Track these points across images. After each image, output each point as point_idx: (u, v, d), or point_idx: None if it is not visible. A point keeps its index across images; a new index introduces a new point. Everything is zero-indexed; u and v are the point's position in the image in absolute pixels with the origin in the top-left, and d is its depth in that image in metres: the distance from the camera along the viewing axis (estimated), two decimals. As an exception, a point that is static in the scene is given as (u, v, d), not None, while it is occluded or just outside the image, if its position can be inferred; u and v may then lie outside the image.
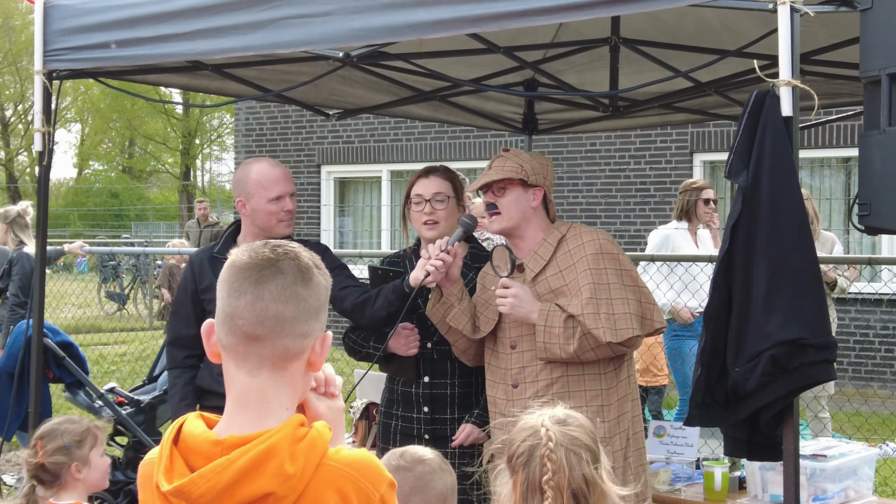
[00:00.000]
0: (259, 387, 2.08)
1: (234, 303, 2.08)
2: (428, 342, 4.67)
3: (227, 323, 2.09)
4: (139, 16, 4.53)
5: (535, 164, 4.36)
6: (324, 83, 5.65)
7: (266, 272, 2.08)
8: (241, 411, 2.09)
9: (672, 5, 3.51)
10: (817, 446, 4.81)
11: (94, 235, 36.66)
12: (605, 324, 4.09)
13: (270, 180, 4.72)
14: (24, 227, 9.07)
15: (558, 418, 2.86)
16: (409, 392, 4.72)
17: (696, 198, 8.49)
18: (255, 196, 4.72)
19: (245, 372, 2.09)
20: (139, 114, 47.81)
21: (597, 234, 4.29)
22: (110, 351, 14.82)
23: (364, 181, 17.46)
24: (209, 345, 2.15)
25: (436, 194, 4.67)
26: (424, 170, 4.78)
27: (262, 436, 1.99)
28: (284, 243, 2.15)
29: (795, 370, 3.26)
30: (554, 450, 2.76)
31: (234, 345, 2.09)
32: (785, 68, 3.33)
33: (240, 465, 1.96)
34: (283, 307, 2.07)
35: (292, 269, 2.10)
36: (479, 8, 3.72)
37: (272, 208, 4.72)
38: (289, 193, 4.76)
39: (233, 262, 2.12)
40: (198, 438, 2.03)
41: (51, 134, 4.99)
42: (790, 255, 3.30)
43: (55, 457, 4.12)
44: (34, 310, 5.12)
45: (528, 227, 4.37)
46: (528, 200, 4.34)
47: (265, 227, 4.74)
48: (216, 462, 1.97)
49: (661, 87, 5.72)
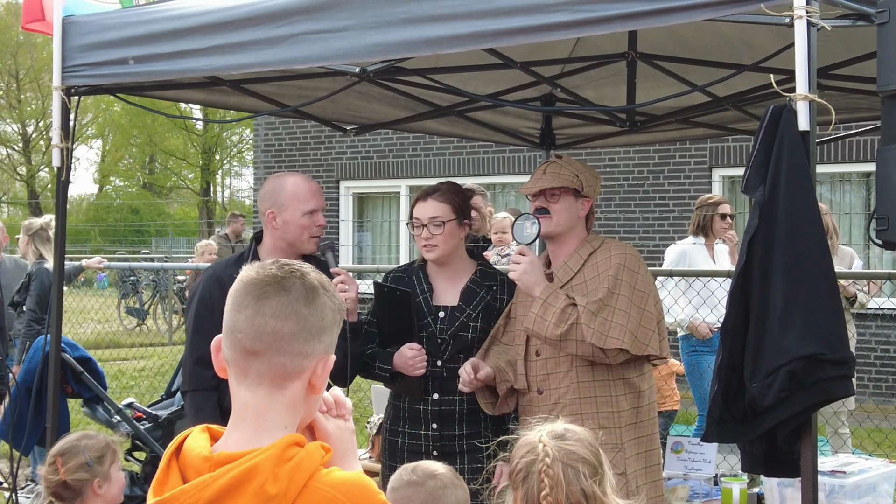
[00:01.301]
0: (257, 403, 2.09)
1: (235, 316, 2.10)
2: (438, 360, 4.67)
3: (229, 336, 2.11)
4: (157, 32, 4.56)
5: (588, 175, 4.46)
6: (341, 98, 5.66)
7: (269, 288, 2.10)
8: (239, 426, 2.10)
9: (688, 20, 3.49)
10: (836, 462, 4.78)
11: (115, 251, 36.85)
12: (597, 326, 4.14)
13: (306, 194, 4.65)
14: (46, 240, 9.05)
15: (556, 433, 2.86)
16: (417, 409, 4.71)
17: (712, 213, 8.48)
18: (290, 209, 4.63)
19: (245, 387, 2.10)
20: (159, 130, 48.05)
21: (625, 250, 4.36)
22: (129, 366, 14.85)
23: (382, 196, 17.48)
24: (217, 360, 2.17)
25: (432, 219, 4.65)
26: (423, 192, 4.77)
27: (248, 454, 1.99)
28: (295, 263, 2.17)
29: (813, 386, 3.24)
30: (551, 465, 2.76)
31: (235, 359, 2.10)
32: (802, 83, 3.32)
33: (221, 483, 1.96)
34: (281, 324, 2.08)
35: (297, 287, 2.11)
36: (496, 23, 3.72)
37: (305, 222, 4.64)
38: (322, 208, 4.72)
39: (241, 277, 2.15)
40: (192, 453, 2.04)
41: (69, 150, 5.00)
42: (807, 270, 3.28)
43: (78, 473, 4.11)
44: (52, 325, 5.13)
45: (569, 235, 4.47)
46: (577, 210, 4.45)
47: (295, 241, 4.67)
48: (200, 479, 1.98)
49: (678, 101, 5.71)
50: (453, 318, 4.67)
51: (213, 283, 4.64)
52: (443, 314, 4.68)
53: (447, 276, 4.77)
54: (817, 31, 3.31)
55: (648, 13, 3.51)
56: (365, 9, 3.98)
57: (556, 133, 6.93)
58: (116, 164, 52.77)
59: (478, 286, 4.72)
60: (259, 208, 4.83)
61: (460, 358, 4.63)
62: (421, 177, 16.41)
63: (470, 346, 4.65)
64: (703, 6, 3.41)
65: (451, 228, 4.67)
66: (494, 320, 4.69)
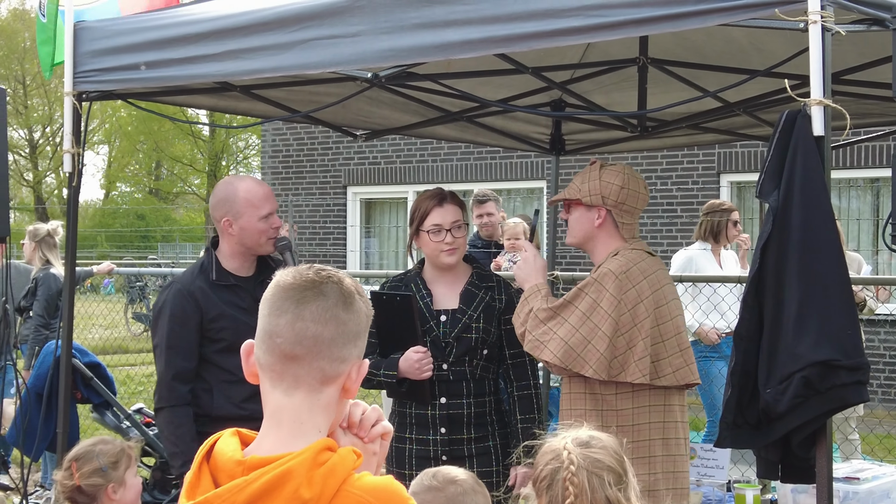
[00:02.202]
0: (293, 407, 2.10)
1: (274, 321, 2.11)
2: (444, 363, 4.68)
3: (266, 341, 2.11)
4: (169, 37, 4.56)
5: (597, 184, 4.36)
6: (351, 104, 5.66)
7: (308, 293, 2.11)
8: (273, 430, 2.10)
9: (702, 25, 3.47)
10: (850, 469, 4.77)
11: (122, 257, 36.83)
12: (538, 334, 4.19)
13: (260, 198, 4.69)
14: (53, 246, 9.05)
15: (581, 440, 2.85)
16: (425, 414, 4.71)
17: (726, 219, 8.46)
18: (245, 215, 4.66)
19: (281, 391, 2.11)
20: (166, 136, 48.09)
21: (612, 265, 4.25)
22: (138, 372, 14.85)
23: (390, 202, 17.49)
24: (247, 365, 2.17)
25: (454, 222, 4.72)
26: (437, 197, 4.78)
27: (282, 458, 2.00)
28: (330, 268, 2.18)
29: (827, 392, 3.23)
30: (576, 473, 2.75)
31: (272, 364, 2.11)
32: (816, 88, 3.31)
33: (255, 487, 1.96)
34: (322, 328, 2.10)
35: (335, 292, 2.13)
36: (509, 28, 3.72)
37: (262, 226, 4.68)
38: (276, 210, 4.78)
39: (277, 282, 2.15)
40: (224, 457, 2.04)
41: (80, 155, 5.01)
42: (821, 275, 3.27)
43: (92, 478, 4.12)
44: (63, 330, 5.13)
45: (594, 245, 4.43)
46: (591, 220, 4.39)
47: (253, 245, 4.72)
48: (233, 483, 1.98)
49: (689, 107, 5.70)
50: (455, 320, 4.70)
51: (184, 298, 4.67)
52: (445, 318, 4.72)
53: (446, 281, 4.81)
54: (831, 35, 3.31)
55: (662, 18, 3.50)
56: (377, 14, 3.97)
57: (565, 138, 6.93)
58: (123, 170, 52.80)
59: (476, 288, 4.78)
60: (213, 216, 4.79)
61: (465, 360, 4.68)
62: (428, 182, 16.41)
63: (474, 347, 4.69)
64: (718, 11, 3.40)
65: (465, 232, 4.80)
66: (495, 320, 4.73)
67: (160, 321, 4.71)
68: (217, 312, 4.66)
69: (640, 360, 4.12)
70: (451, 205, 4.73)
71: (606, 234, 4.40)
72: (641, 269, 4.23)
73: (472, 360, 4.68)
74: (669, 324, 4.24)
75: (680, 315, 4.36)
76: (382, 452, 2.28)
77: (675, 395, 4.25)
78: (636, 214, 4.44)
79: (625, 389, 4.18)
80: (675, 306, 4.32)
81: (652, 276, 4.25)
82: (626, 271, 4.19)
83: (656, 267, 4.33)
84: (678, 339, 4.26)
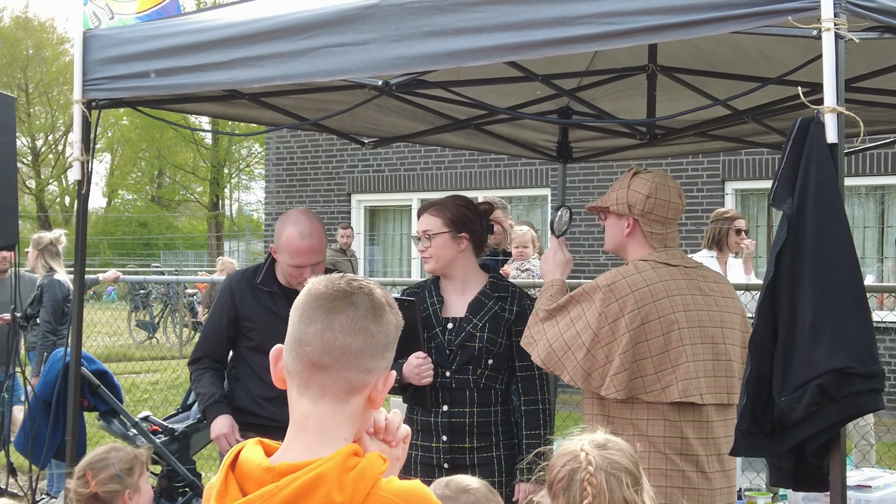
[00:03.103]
0: (319, 415, 2.11)
1: (304, 329, 2.12)
2: (446, 371, 4.68)
3: (294, 348, 2.12)
4: (179, 45, 4.55)
5: (625, 192, 4.32)
6: (359, 112, 5.66)
7: (339, 303, 2.12)
8: (299, 437, 2.11)
9: (714, 32, 3.46)
10: (862, 476, 4.76)
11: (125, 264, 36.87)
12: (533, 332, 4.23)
13: (293, 251, 4.92)
14: (56, 255, 9.08)
15: (598, 442, 2.86)
16: (428, 421, 4.72)
17: (728, 227, 8.46)
18: (282, 254, 4.97)
19: (308, 399, 2.11)
20: (168, 144, 48.15)
21: (605, 279, 4.19)
22: (143, 379, 14.85)
23: (394, 210, 17.49)
24: (276, 370, 2.18)
25: (424, 232, 4.79)
26: (423, 205, 4.91)
27: (312, 464, 2.01)
28: (362, 279, 2.19)
29: (843, 400, 3.21)
30: (594, 473, 2.76)
31: (300, 371, 2.11)
32: (830, 95, 3.29)
33: (287, 492, 1.97)
34: (350, 339, 2.10)
35: (365, 304, 2.14)
36: (520, 36, 3.71)
37: (292, 272, 4.97)
38: (310, 264, 4.92)
39: (309, 290, 2.17)
40: (252, 464, 2.05)
41: (90, 163, 5.01)
42: (836, 283, 3.25)
43: (109, 485, 4.12)
44: (72, 338, 5.12)
45: (625, 253, 4.38)
46: (621, 229, 4.34)
47: (286, 278, 5.04)
48: (265, 489, 1.99)
49: (697, 114, 5.69)
50: (460, 328, 4.70)
51: (226, 291, 5.14)
52: (451, 325, 4.73)
53: (457, 289, 4.83)
54: (845, 43, 3.30)
55: (675, 26, 3.48)
56: (388, 22, 3.96)
57: (573, 146, 6.93)
58: (125, 178, 52.85)
59: (487, 297, 4.77)
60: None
61: (468, 368, 4.67)
62: (433, 190, 16.42)
63: (477, 356, 4.68)
64: (730, 19, 3.38)
65: (442, 241, 4.76)
66: (502, 331, 4.72)
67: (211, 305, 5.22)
68: (250, 311, 5.00)
69: (615, 376, 4.03)
70: (428, 215, 4.81)
71: (636, 244, 4.33)
72: (630, 283, 4.11)
73: (476, 370, 4.68)
74: (660, 339, 4.06)
75: (686, 329, 4.11)
76: (403, 455, 2.31)
77: (689, 410, 4.11)
78: (668, 224, 4.32)
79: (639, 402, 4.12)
80: (672, 321, 4.10)
81: (643, 289, 4.10)
82: (612, 284, 4.12)
83: (663, 278, 4.17)
84: (671, 355, 4.07)
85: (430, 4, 3.87)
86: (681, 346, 4.08)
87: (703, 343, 4.14)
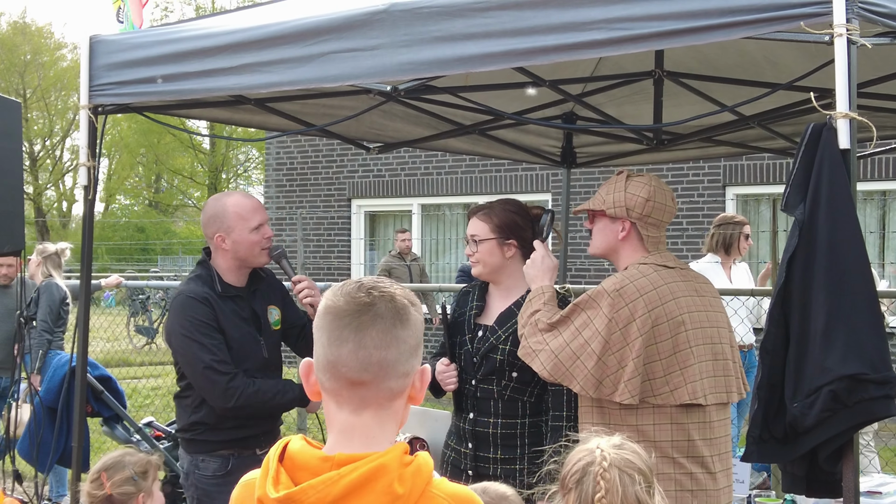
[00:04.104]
0: (363, 424, 2.11)
1: (336, 351, 2.10)
2: (472, 379, 4.65)
3: (329, 370, 2.11)
4: (186, 50, 4.54)
5: (621, 196, 4.27)
6: (364, 117, 5.66)
7: (365, 318, 2.10)
8: (345, 444, 2.11)
9: (727, 38, 3.44)
10: (871, 483, 4.75)
11: (122, 269, 36.82)
12: (532, 343, 4.14)
13: (249, 210, 4.82)
14: (58, 266, 9.21)
15: (614, 443, 2.89)
16: (459, 425, 4.72)
17: (738, 232, 8.46)
18: (237, 229, 4.79)
19: (349, 411, 2.12)
20: (166, 149, 48.15)
21: (610, 283, 4.14)
22: (144, 385, 14.83)
23: (394, 215, 17.48)
24: (308, 384, 2.18)
25: (471, 236, 4.71)
26: (473, 208, 4.79)
27: (370, 455, 2.02)
28: (379, 282, 2.16)
29: (855, 406, 3.21)
30: (608, 469, 2.78)
31: (337, 389, 2.11)
32: (842, 100, 3.28)
33: (350, 479, 1.99)
34: (385, 353, 2.10)
35: (390, 311, 2.12)
36: (531, 41, 3.69)
37: (254, 238, 4.81)
38: (266, 221, 4.87)
39: (328, 308, 2.13)
40: (306, 455, 2.05)
41: (96, 168, 5.00)
42: (849, 288, 3.24)
43: (124, 487, 4.13)
44: (78, 345, 5.11)
45: (618, 257, 4.33)
46: (615, 232, 4.30)
47: (247, 257, 4.84)
48: (327, 475, 2.00)
49: (702, 119, 5.69)
50: (486, 338, 4.65)
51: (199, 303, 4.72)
52: (481, 333, 4.67)
53: (500, 295, 4.76)
54: (857, 48, 3.30)
55: (685, 31, 3.46)
56: (397, 27, 3.95)
57: (577, 151, 6.93)
58: (123, 183, 52.84)
59: (519, 308, 4.63)
60: (205, 233, 4.90)
61: (492, 379, 4.60)
62: (433, 195, 16.42)
63: (500, 368, 4.59)
64: (742, 24, 3.37)
65: (489, 247, 4.65)
66: None
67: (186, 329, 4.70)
68: (226, 321, 4.75)
69: (629, 381, 3.98)
70: (476, 219, 4.70)
71: (630, 247, 4.30)
72: (638, 287, 4.08)
73: (500, 381, 4.59)
74: (669, 342, 4.03)
75: (691, 331, 4.09)
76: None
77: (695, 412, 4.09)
78: (662, 227, 4.33)
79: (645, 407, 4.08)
80: (679, 322, 4.08)
81: (652, 292, 4.07)
82: (621, 289, 4.07)
83: (667, 280, 4.15)
84: (678, 358, 4.04)
85: (439, 10, 3.86)
86: (688, 348, 4.05)
87: (704, 344, 4.12)
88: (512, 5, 3.72)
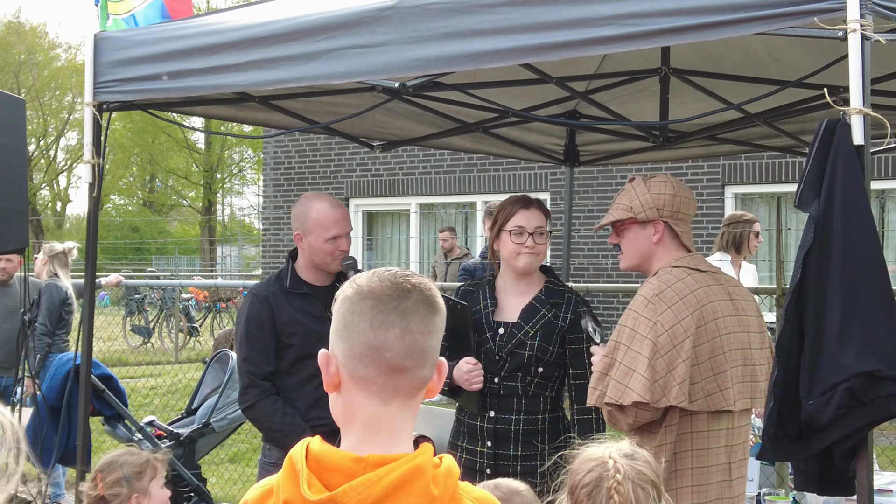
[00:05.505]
0: (390, 416, 2.10)
1: (381, 335, 2.07)
2: (495, 377, 4.63)
3: (370, 355, 2.07)
4: (191, 47, 4.52)
5: (648, 197, 4.15)
6: (368, 115, 5.63)
7: (408, 303, 2.09)
8: (370, 438, 2.09)
9: (738, 34, 3.42)
10: (882, 481, 4.74)
11: (117, 269, 36.77)
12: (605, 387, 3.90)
13: (330, 221, 4.84)
14: (64, 265, 9.17)
15: (625, 452, 2.84)
16: (475, 425, 4.68)
17: (748, 230, 8.44)
18: (313, 234, 4.85)
19: (377, 402, 2.09)
20: (161, 148, 48.10)
21: (646, 288, 4.03)
22: (143, 384, 14.81)
23: (392, 214, 17.45)
24: (329, 375, 2.13)
25: (538, 227, 4.68)
26: (524, 201, 4.74)
27: (404, 456, 2.02)
28: (408, 272, 2.16)
29: (872, 403, 3.18)
30: (622, 482, 2.73)
31: (374, 376, 2.08)
32: (856, 96, 3.27)
33: (389, 480, 1.98)
34: (428, 339, 2.10)
35: (427, 299, 2.12)
36: (540, 37, 3.68)
37: (328, 248, 4.85)
38: (345, 233, 4.88)
39: (367, 292, 2.10)
40: (335, 456, 2.03)
41: (100, 166, 4.98)
42: (864, 284, 3.23)
43: (115, 488, 4.12)
44: (82, 343, 5.09)
45: (653, 264, 4.18)
46: (648, 237, 4.16)
47: (320, 262, 4.90)
48: (365, 476, 1.98)
49: (708, 117, 5.68)
50: (511, 335, 4.63)
51: (259, 303, 4.88)
52: (503, 330, 4.65)
53: (516, 291, 4.75)
54: (871, 44, 3.28)
55: (696, 27, 3.43)
56: (405, 23, 3.93)
57: (580, 149, 6.91)
58: (117, 183, 52.78)
59: (541, 304, 4.67)
60: (292, 227, 4.99)
61: (517, 376, 4.59)
62: (431, 194, 16.39)
63: (527, 364, 4.59)
64: (754, 20, 3.35)
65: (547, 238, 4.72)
66: (554, 339, 4.62)
67: (239, 328, 4.94)
68: (288, 317, 4.84)
69: (681, 384, 3.84)
70: (536, 210, 4.70)
71: (663, 250, 4.16)
72: (677, 291, 3.96)
73: (526, 377, 4.59)
74: (707, 345, 3.93)
75: (725, 336, 4.00)
76: None
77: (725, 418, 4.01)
78: (689, 222, 4.22)
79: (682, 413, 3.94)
80: (714, 327, 3.98)
81: (689, 295, 3.95)
82: (659, 294, 3.95)
83: (701, 284, 4.03)
84: (712, 363, 3.94)
85: (447, 6, 3.84)
86: (722, 354, 3.96)
87: (735, 349, 4.03)
88: (521, 2, 3.71)
